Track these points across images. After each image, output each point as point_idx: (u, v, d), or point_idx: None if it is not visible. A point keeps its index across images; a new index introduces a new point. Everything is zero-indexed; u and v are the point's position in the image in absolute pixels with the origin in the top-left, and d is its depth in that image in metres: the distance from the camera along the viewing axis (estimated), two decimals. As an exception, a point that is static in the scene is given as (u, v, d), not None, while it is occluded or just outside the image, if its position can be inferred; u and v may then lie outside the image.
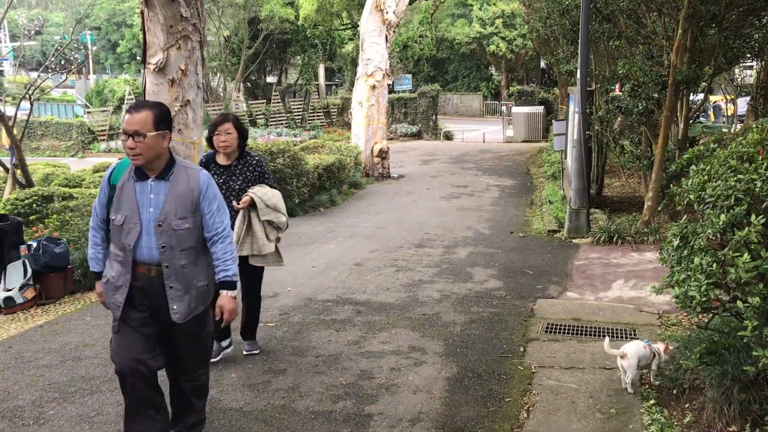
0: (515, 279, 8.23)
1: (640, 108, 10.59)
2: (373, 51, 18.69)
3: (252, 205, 5.26)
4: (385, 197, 15.56)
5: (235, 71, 36.22)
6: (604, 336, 6.11)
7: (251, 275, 5.59)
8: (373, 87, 18.67)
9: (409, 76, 41.03)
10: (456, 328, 6.38)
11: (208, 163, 5.36)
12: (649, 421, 4.31)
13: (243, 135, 5.28)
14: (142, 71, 10.31)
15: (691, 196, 3.86)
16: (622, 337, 6.09)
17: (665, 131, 10.18)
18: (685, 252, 3.80)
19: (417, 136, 31.72)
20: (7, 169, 12.94)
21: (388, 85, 19.76)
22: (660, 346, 4.86)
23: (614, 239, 9.98)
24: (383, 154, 18.91)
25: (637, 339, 5.54)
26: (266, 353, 5.69)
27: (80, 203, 10.61)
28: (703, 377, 4.18)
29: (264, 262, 5.52)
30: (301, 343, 5.95)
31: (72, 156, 27.52)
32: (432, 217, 12.75)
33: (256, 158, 5.44)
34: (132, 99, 29.82)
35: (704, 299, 3.46)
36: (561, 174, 15.23)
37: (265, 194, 5.30)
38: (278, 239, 5.61)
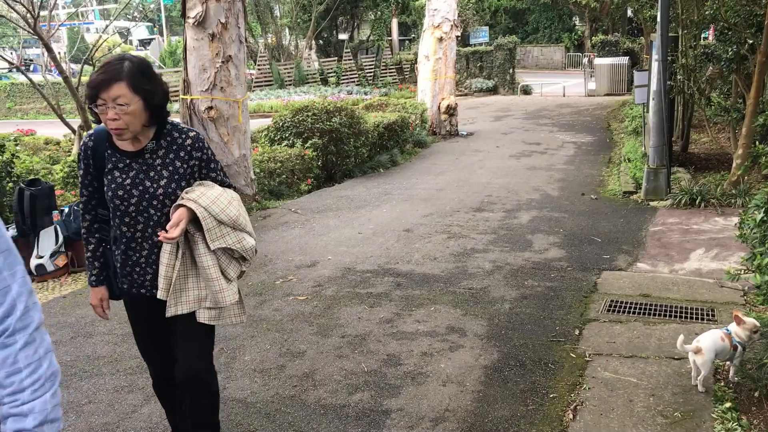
0: (580, 248, 7.41)
1: (730, 54, 9.32)
2: (440, 1, 17.67)
3: (195, 225, 2.97)
4: (449, 156, 14.77)
5: (306, 28, 35.67)
6: (676, 316, 5.31)
7: (193, 338, 3.17)
8: (440, 39, 17.70)
9: (486, 28, 39.27)
10: (504, 305, 5.69)
11: (99, 147, 3.00)
12: (723, 430, 3.55)
13: (153, 100, 2.86)
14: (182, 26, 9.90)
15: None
16: (697, 319, 5.25)
17: (759, 79, 8.92)
18: None
19: (492, 91, 30.43)
20: (74, 131, 13.01)
21: (457, 37, 18.70)
22: (740, 331, 3.92)
23: (697, 202, 8.91)
24: (451, 111, 18.02)
25: (715, 326, 4.72)
26: (288, 332, 5.20)
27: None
28: (793, 381, 3.37)
29: (219, 319, 3.15)
30: (329, 320, 5.43)
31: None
32: (497, 178, 11.92)
33: (192, 135, 3.07)
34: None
35: (794, 294, 2.68)
36: (643, 129, 13.99)
37: (215, 201, 2.96)
38: (241, 274, 3.23)
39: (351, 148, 12.56)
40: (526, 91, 29.50)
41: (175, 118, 3.44)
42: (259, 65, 31.32)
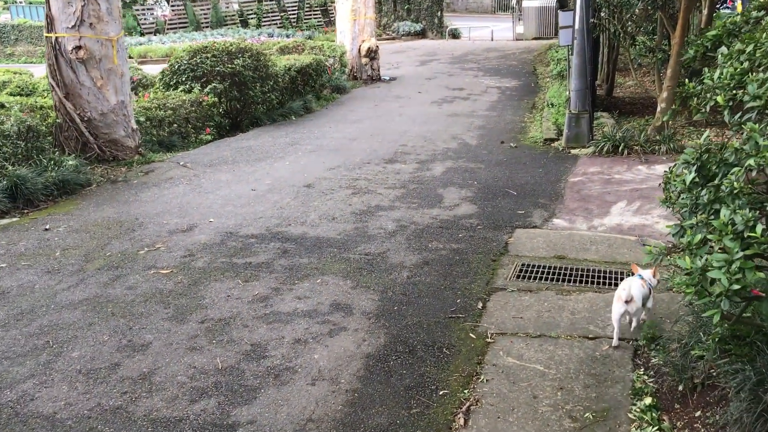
0: (493, 202, 6.72)
1: (658, -13, 8.65)
2: (359, -66, 16.39)
3: None
4: (368, 103, 13.83)
5: (223, -33, 33.45)
6: (593, 282, 4.68)
7: None
8: (359, -24, 16.50)
9: (414, -31, 37.90)
10: (402, 273, 4.94)
11: None
12: (641, 435, 2.91)
13: None
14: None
15: (719, 99, 2.28)
16: (615, 285, 4.63)
17: (685, 16, 8.31)
18: (706, 195, 2.26)
19: (421, 34, 29.42)
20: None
21: (377, -26, 17.52)
22: (651, 278, 3.86)
23: (620, 149, 8.35)
24: (372, 54, 16.96)
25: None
26: (137, 318, 4.29)
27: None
28: (724, 375, 2.72)
29: None
30: (191, 300, 4.55)
31: (48, 63, 25.72)
32: (415, 126, 11.10)
33: None
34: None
35: (736, 288, 1.97)
36: (568, 73, 13.39)
37: None
38: None
39: (258, 94, 11.45)
40: (455, 35, 28.65)
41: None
42: (172, 5, 29.19)
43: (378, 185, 7.47)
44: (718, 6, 9.28)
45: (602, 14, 9.91)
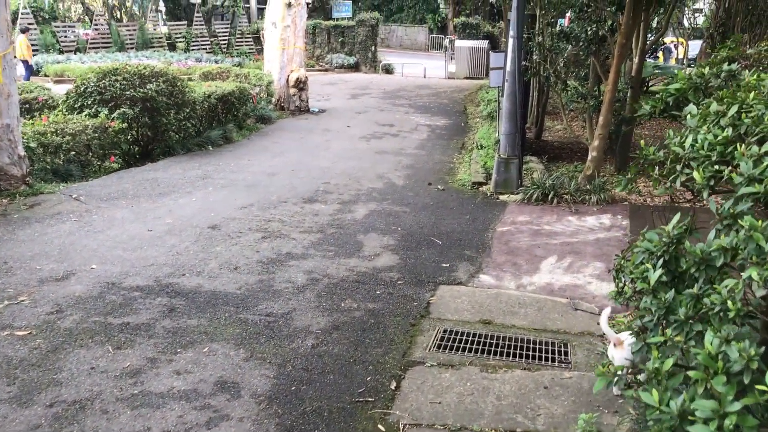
0: (417, 252, 6.16)
1: (590, 33, 8.44)
2: (289, -39, 15.91)
3: None
4: (294, 135, 13.19)
5: (152, -13, 32.42)
6: (521, 356, 4.15)
7: None
8: (289, 5, 15.97)
9: (349, 2, 37.86)
10: (307, 341, 4.27)
11: None
12: None
13: None
14: None
15: (697, 175, 1.76)
16: (547, 360, 4.11)
17: (618, 63, 8.11)
18: (682, 309, 1.72)
19: (354, 68, 29.18)
20: None
21: (308, 4, 17.09)
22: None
23: (550, 197, 7.99)
24: (301, 85, 16.38)
25: (568, 372, 3.60)
26: (-32, 398, 3.46)
27: None
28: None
29: None
30: (45, 372, 3.74)
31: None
32: (341, 162, 10.53)
33: None
34: (28, 14, 26.08)
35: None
36: (497, 114, 13.17)
37: None
38: None
39: (172, 121, 10.64)
40: (388, 70, 28.52)
41: None
42: (96, 25, 27.90)
43: (292, 228, 6.81)
44: (648, 53, 9.17)
45: (534, 57, 9.67)
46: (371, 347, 4.21)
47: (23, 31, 20.00)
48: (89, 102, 10.05)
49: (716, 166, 1.79)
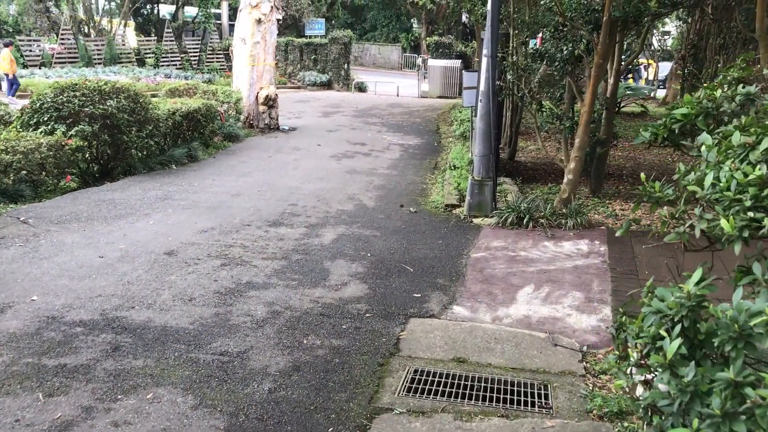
0: (387, 281, 5.81)
1: (566, 53, 8.23)
2: (259, -23, 15.60)
3: None
4: (262, 153, 12.80)
5: (122, 2, 31.87)
6: (498, 400, 3.80)
7: None
8: (259, 21, 15.64)
9: (323, 20, 37.69)
10: (264, 384, 3.88)
11: None
12: None
13: None
14: None
15: (725, 225, 1.44)
16: (526, 405, 3.77)
17: (595, 84, 7.90)
18: (718, 402, 1.38)
19: (327, 85, 28.94)
20: None
21: (279, 20, 16.75)
22: None
23: (525, 221, 7.71)
24: (270, 102, 16.02)
25: (549, 419, 3.26)
26: None
27: None
28: None
29: None
30: (-40, 428, 3.30)
31: None
32: (310, 182, 10.17)
33: None
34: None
35: None
36: (471, 134, 12.95)
37: None
38: None
39: (134, 139, 10.19)
40: (361, 88, 28.31)
41: None
42: (62, 39, 27.27)
43: (255, 255, 6.41)
44: (624, 74, 9.01)
45: (508, 77, 9.45)
46: (335, 392, 3.83)
47: (7, 45, 19.35)
48: (45, 118, 9.57)
49: (750, 213, 1.48)
